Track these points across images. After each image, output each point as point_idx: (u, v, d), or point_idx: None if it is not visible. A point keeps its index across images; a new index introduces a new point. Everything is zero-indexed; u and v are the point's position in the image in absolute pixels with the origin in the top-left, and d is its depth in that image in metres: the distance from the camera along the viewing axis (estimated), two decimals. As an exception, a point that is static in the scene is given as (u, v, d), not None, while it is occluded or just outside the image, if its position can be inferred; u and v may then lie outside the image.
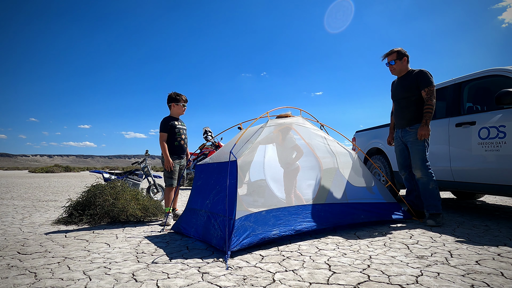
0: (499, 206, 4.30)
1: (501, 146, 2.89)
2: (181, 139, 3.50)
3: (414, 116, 3.16)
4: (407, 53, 3.27)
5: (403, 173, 3.39)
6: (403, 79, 3.25)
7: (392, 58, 3.27)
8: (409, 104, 3.18)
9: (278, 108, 3.06)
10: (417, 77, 3.12)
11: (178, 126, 3.51)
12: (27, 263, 1.97)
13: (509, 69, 3.00)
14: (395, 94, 3.37)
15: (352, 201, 3.07)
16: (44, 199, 5.72)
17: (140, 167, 5.33)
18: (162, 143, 3.38)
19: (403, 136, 3.27)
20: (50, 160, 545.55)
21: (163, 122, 3.47)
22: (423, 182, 3.07)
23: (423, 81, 3.08)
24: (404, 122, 3.24)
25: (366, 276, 1.67)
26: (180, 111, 3.59)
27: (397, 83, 3.33)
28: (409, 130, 3.19)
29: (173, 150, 3.44)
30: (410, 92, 3.16)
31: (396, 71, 3.29)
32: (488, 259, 1.94)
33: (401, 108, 3.26)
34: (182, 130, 3.56)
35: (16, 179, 13.53)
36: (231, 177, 2.38)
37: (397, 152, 3.42)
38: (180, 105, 3.56)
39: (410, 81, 3.17)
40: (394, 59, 3.25)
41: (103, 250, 2.26)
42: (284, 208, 2.62)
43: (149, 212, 3.59)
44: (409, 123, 3.19)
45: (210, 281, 1.64)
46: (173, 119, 3.52)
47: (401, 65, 3.25)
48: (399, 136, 3.34)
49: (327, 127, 3.52)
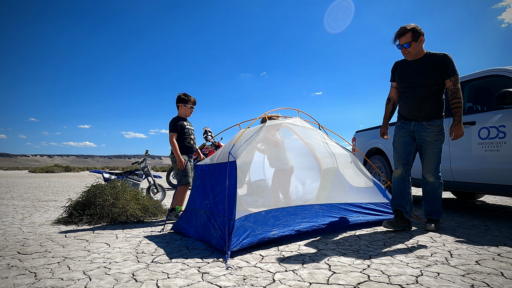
0: (499, 206, 4.30)
1: (501, 146, 2.89)
2: (191, 139, 3.54)
3: (434, 110, 2.69)
4: (422, 31, 2.65)
5: (400, 169, 2.85)
6: (420, 63, 2.70)
7: (407, 40, 2.64)
8: (430, 94, 2.67)
9: (277, 109, 3.06)
10: (442, 63, 2.61)
11: (187, 126, 3.54)
12: (27, 263, 1.97)
13: (509, 69, 3.00)
14: (408, 80, 2.76)
15: (351, 201, 3.07)
16: (44, 199, 5.72)
17: (140, 167, 5.33)
18: (173, 143, 3.38)
19: (417, 131, 2.77)
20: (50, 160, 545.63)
21: (172, 123, 3.48)
22: (434, 186, 2.73)
23: (450, 68, 2.59)
24: (421, 115, 2.73)
25: (366, 276, 1.67)
26: (187, 113, 3.60)
27: (412, 67, 2.75)
28: (427, 126, 2.70)
29: (183, 150, 3.46)
30: (433, 80, 2.64)
31: (411, 55, 2.70)
32: (488, 259, 1.94)
33: (418, 98, 2.71)
34: (191, 131, 3.59)
35: (16, 179, 13.53)
36: (230, 178, 2.38)
37: (399, 144, 2.87)
38: (187, 106, 3.57)
39: (432, 67, 2.64)
40: (409, 41, 2.63)
41: (103, 250, 2.26)
42: (283, 209, 2.62)
43: (149, 212, 3.59)
44: (428, 117, 2.70)
45: (210, 281, 1.64)
46: (181, 119, 3.55)
47: (418, 47, 2.67)
48: (409, 129, 2.82)
49: (326, 129, 3.51)
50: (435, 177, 2.72)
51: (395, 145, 2.93)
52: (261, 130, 2.81)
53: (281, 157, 3.43)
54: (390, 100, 3.02)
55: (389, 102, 3.03)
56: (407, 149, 2.83)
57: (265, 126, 2.90)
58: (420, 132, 2.75)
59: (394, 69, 2.92)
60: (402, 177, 2.84)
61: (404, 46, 2.68)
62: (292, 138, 3.56)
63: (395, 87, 2.96)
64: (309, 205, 2.82)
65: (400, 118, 2.93)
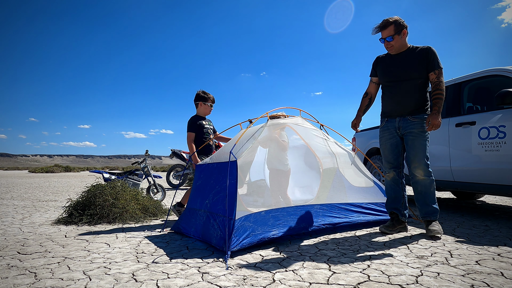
0: (499, 206, 4.30)
1: (501, 146, 2.89)
2: (210, 139, 3.46)
3: (419, 104, 2.61)
4: (405, 23, 2.59)
5: (392, 172, 2.76)
6: (404, 56, 2.64)
7: (389, 33, 2.58)
8: (414, 88, 2.60)
9: (278, 108, 3.06)
10: (425, 56, 2.54)
11: (206, 126, 3.46)
12: (27, 263, 1.97)
13: (509, 69, 3.00)
14: (392, 74, 2.68)
15: (352, 201, 3.07)
16: (44, 199, 5.72)
17: (140, 167, 5.33)
18: (190, 144, 3.32)
19: (402, 127, 2.66)
20: (50, 160, 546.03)
21: (191, 122, 3.40)
22: (424, 184, 2.57)
23: (434, 61, 2.52)
24: (405, 110, 2.64)
25: (366, 276, 1.67)
26: (206, 111, 3.53)
27: (394, 61, 2.68)
28: (411, 119, 2.61)
29: (202, 150, 3.38)
30: (416, 73, 2.57)
31: (394, 49, 2.64)
32: (488, 259, 1.94)
33: (402, 92, 2.64)
34: (210, 130, 3.51)
35: (16, 179, 13.53)
36: (231, 177, 2.38)
37: (387, 146, 2.76)
38: (207, 104, 3.49)
39: (415, 60, 2.57)
40: (392, 34, 2.57)
41: (103, 250, 2.26)
42: (283, 209, 2.62)
43: (149, 212, 3.59)
44: (412, 112, 2.62)
45: (210, 281, 1.64)
46: (200, 118, 3.47)
47: (401, 41, 2.60)
48: (394, 126, 2.71)
49: (327, 127, 3.52)
50: (425, 173, 2.56)
51: (382, 148, 2.83)
52: (263, 130, 2.81)
53: (281, 158, 3.43)
54: (367, 94, 2.95)
55: (366, 96, 2.95)
56: (395, 152, 2.74)
57: (267, 126, 2.90)
58: (405, 127, 2.64)
59: (376, 63, 2.84)
60: (395, 180, 2.76)
61: (386, 39, 2.60)
62: (293, 137, 3.56)
63: (375, 82, 2.89)
64: (309, 205, 2.82)
65: (384, 116, 2.82)
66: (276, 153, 3.42)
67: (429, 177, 2.56)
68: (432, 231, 2.50)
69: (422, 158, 2.55)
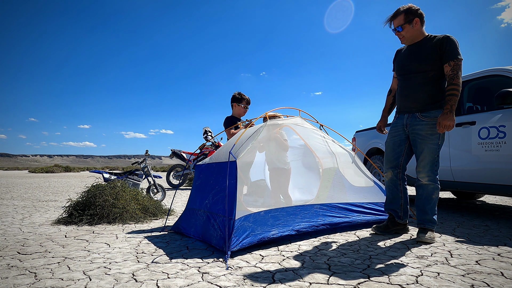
0: (499, 206, 4.30)
1: (501, 146, 2.90)
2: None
3: (430, 99, 2.36)
4: (420, 11, 2.36)
5: (390, 172, 2.61)
6: (418, 46, 2.41)
7: (399, 22, 2.39)
8: (425, 81, 2.36)
9: (277, 108, 3.06)
10: (440, 45, 2.28)
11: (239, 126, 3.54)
12: (27, 263, 1.97)
13: (509, 69, 3.00)
14: (403, 66, 2.49)
15: (352, 201, 3.07)
16: (44, 199, 5.72)
17: (140, 167, 5.33)
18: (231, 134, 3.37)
19: (410, 125, 2.46)
20: (50, 160, 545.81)
21: (227, 120, 3.49)
22: (427, 190, 2.38)
23: (450, 51, 2.25)
24: (415, 106, 2.42)
25: (366, 276, 1.67)
26: (240, 112, 3.60)
27: (408, 52, 2.49)
28: (420, 118, 2.39)
29: None
30: (428, 64, 2.33)
31: (406, 39, 2.44)
32: (488, 259, 1.94)
33: (412, 86, 2.42)
34: None
35: (16, 179, 13.53)
36: (230, 177, 2.38)
37: (389, 145, 2.62)
38: (241, 106, 3.57)
39: (428, 50, 2.33)
40: (402, 23, 2.38)
41: (103, 250, 2.26)
42: (283, 209, 2.62)
43: (149, 212, 3.59)
44: (422, 108, 2.38)
45: (210, 281, 1.64)
46: (235, 119, 3.56)
47: (412, 30, 2.38)
48: (402, 123, 2.52)
49: (326, 127, 3.52)
50: (429, 179, 2.36)
51: (385, 145, 2.68)
52: (262, 130, 2.81)
53: (281, 158, 3.43)
54: (391, 91, 2.76)
55: (390, 93, 2.77)
56: (396, 151, 2.58)
57: (266, 126, 2.90)
58: (413, 126, 2.43)
59: (395, 56, 2.69)
60: (393, 181, 2.61)
61: (397, 29, 2.43)
62: (292, 138, 3.56)
63: (395, 77, 2.70)
64: (309, 205, 2.82)
65: (396, 113, 2.66)
66: (277, 153, 3.43)
67: (432, 184, 2.37)
68: (421, 237, 2.33)
69: (427, 163, 2.36)
